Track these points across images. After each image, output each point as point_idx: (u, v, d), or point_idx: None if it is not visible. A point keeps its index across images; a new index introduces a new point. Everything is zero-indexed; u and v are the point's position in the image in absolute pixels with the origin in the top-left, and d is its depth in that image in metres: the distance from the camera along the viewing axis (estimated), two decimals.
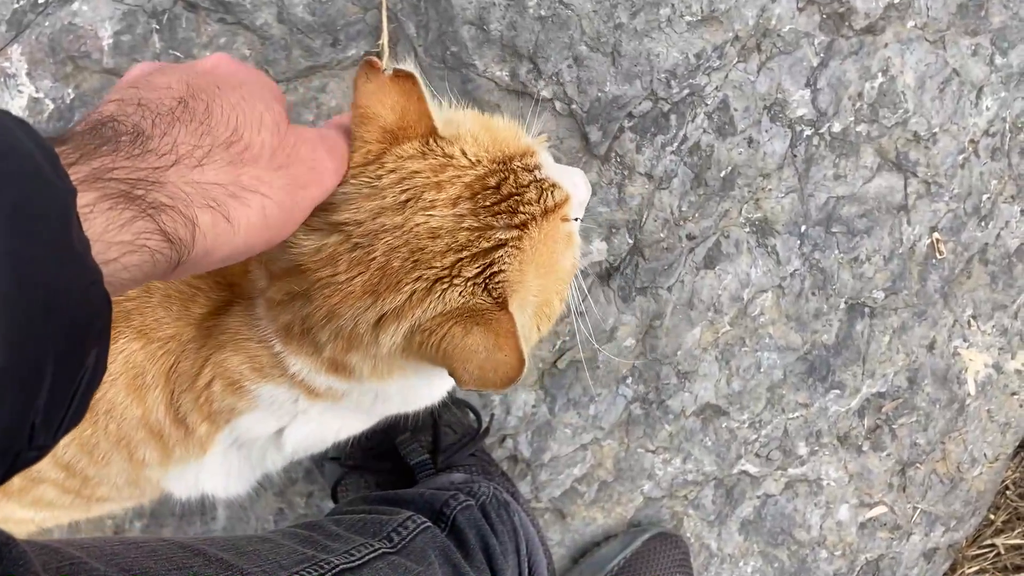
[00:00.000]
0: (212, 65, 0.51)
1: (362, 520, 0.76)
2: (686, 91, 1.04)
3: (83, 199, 0.35)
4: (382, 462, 0.89)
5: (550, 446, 1.06)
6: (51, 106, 1.04)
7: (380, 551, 0.71)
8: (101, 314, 0.34)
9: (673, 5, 1.01)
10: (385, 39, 1.03)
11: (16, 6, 1.04)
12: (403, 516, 0.76)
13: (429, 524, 0.77)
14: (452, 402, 0.93)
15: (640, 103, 1.02)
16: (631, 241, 1.04)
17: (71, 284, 0.32)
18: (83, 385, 0.34)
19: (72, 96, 1.04)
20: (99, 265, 0.35)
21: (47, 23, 1.04)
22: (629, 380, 1.08)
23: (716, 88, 1.05)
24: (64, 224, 0.32)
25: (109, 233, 0.36)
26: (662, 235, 1.05)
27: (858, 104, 1.09)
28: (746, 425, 1.12)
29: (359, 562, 0.69)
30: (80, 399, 0.34)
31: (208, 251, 0.42)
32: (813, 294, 1.12)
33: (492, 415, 1.01)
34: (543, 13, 1.00)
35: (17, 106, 1.04)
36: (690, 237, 1.06)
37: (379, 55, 1.04)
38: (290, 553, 0.66)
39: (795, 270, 1.11)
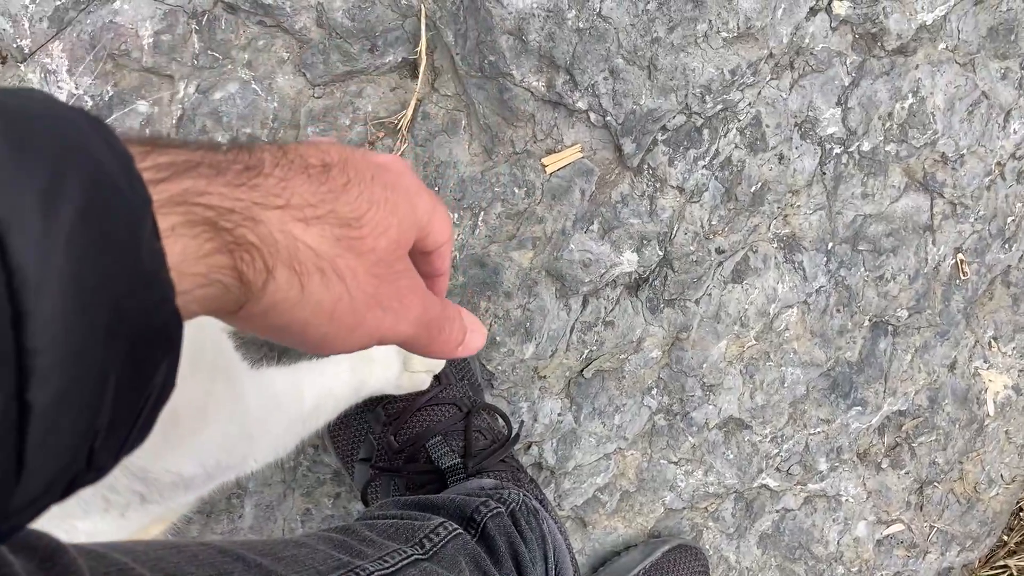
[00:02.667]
0: (386, 160, 0.47)
1: (394, 526, 0.76)
2: (719, 106, 1.05)
3: (165, 221, 0.33)
4: (412, 465, 0.89)
5: (574, 454, 1.06)
6: (90, 103, 1.05)
7: (413, 557, 0.72)
8: (171, 332, 0.32)
9: (710, 21, 1.02)
10: (423, 46, 1.04)
11: (58, 3, 1.05)
12: (435, 522, 0.77)
13: (460, 531, 0.77)
14: (483, 407, 0.93)
15: (674, 117, 1.03)
16: (661, 253, 1.05)
17: (140, 300, 0.30)
18: (149, 404, 0.32)
19: (111, 94, 1.05)
20: (176, 273, 0.33)
21: (88, 21, 1.05)
22: (654, 391, 1.08)
23: (749, 104, 1.06)
24: (134, 237, 0.30)
25: (185, 263, 0.34)
26: (692, 248, 1.06)
27: (888, 124, 1.10)
28: (768, 439, 1.13)
29: (392, 568, 0.69)
30: (146, 418, 0.32)
31: (267, 311, 0.38)
32: (838, 311, 1.12)
33: (522, 422, 1.02)
34: (581, 25, 1.01)
35: None
36: (719, 251, 1.07)
37: (416, 62, 1.05)
38: (326, 559, 0.67)
39: (821, 286, 1.11)
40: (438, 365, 0.91)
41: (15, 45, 1.04)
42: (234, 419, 0.75)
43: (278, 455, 0.85)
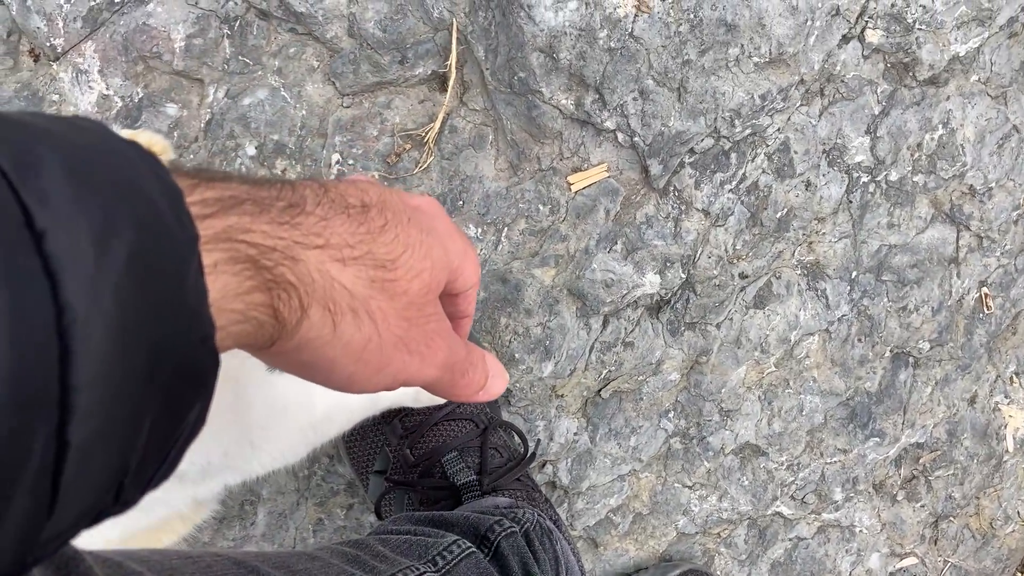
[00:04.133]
0: (421, 202, 0.47)
1: (408, 542, 0.76)
2: (748, 131, 1.04)
3: (208, 257, 0.33)
4: (427, 479, 0.89)
5: (589, 475, 1.06)
6: (119, 104, 1.05)
7: (425, 575, 0.71)
8: (208, 371, 0.32)
9: (742, 45, 1.02)
10: (453, 60, 1.04)
11: (93, 3, 1.05)
12: (449, 540, 0.76)
13: (474, 549, 0.77)
14: (500, 424, 0.93)
15: (702, 140, 1.03)
16: (684, 276, 1.04)
17: (180, 340, 0.30)
18: (180, 442, 0.32)
19: (141, 95, 1.05)
20: (215, 309, 0.33)
21: (122, 22, 1.05)
22: (671, 414, 1.08)
23: (778, 130, 1.05)
24: (180, 275, 0.30)
25: (225, 299, 0.34)
26: (715, 272, 1.05)
27: (916, 155, 1.10)
28: (784, 467, 1.12)
29: None
30: (175, 455, 0.33)
31: (298, 347, 0.38)
32: (859, 340, 1.12)
33: (538, 440, 1.01)
34: (613, 45, 1.01)
35: (87, 102, 1.05)
36: (742, 276, 1.06)
37: (445, 76, 1.05)
38: (339, 573, 0.67)
39: (843, 315, 1.11)
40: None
41: (48, 44, 1.04)
42: (234, 423, 0.75)
43: (287, 462, 0.85)
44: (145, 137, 0.97)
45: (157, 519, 0.81)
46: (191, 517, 0.86)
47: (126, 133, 1.01)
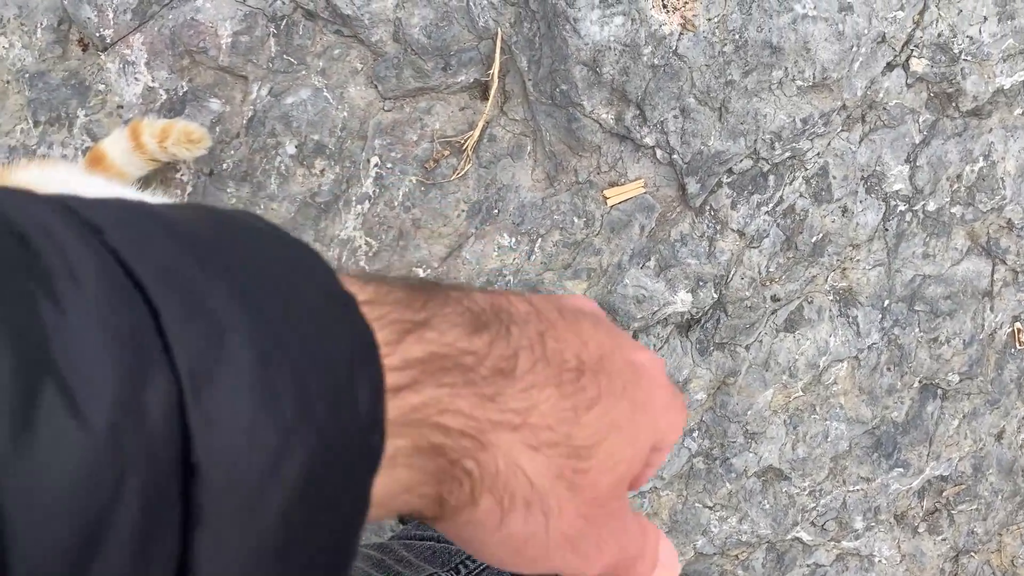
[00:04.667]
0: (643, 360, 0.39)
1: (431, 548, 0.76)
2: (788, 154, 1.04)
3: (390, 445, 0.28)
4: None
5: None
6: (164, 96, 1.06)
7: None
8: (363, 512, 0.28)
9: (787, 68, 1.02)
10: (496, 69, 1.04)
11: None
12: None
13: None
14: None
15: (741, 161, 1.03)
16: (716, 296, 1.04)
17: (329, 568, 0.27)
18: None
19: (185, 89, 1.06)
20: (373, 506, 0.28)
21: (170, 16, 1.06)
22: (695, 434, 1.07)
23: (818, 154, 1.05)
24: (347, 484, 0.27)
25: (389, 496, 0.29)
26: (747, 293, 1.05)
27: (956, 186, 1.09)
28: (806, 492, 1.11)
29: None
30: None
31: (454, 527, 0.34)
32: (888, 369, 1.11)
33: None
34: (656, 62, 1.01)
35: (132, 93, 1.06)
36: (774, 299, 1.06)
37: (487, 84, 1.06)
38: None
39: (873, 343, 1.10)
40: None
41: (97, 34, 1.06)
42: None
43: None
44: (182, 126, 0.98)
45: None
46: None
47: (163, 122, 1.02)
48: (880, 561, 1.16)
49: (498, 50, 1.04)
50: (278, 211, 1.04)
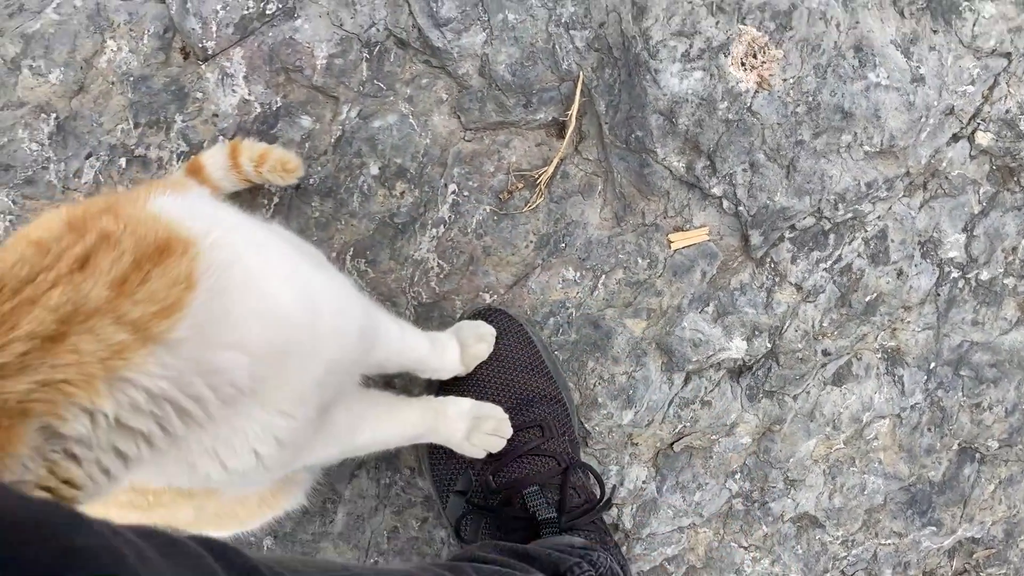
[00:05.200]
0: None
1: (498, 573, 0.80)
2: (849, 215, 1.07)
3: None
4: (507, 508, 0.93)
5: (651, 523, 1.09)
6: (258, 109, 1.12)
7: None
8: None
9: (856, 134, 1.05)
10: (575, 110, 1.09)
11: (245, 12, 1.12)
12: None
13: None
14: (580, 465, 0.97)
15: (804, 218, 1.07)
16: (769, 345, 1.08)
17: None
18: None
19: (279, 105, 1.12)
20: None
21: (271, 34, 1.12)
22: (737, 475, 1.11)
23: (878, 217, 1.09)
24: None
25: None
26: (799, 345, 1.08)
27: (1010, 258, 1.12)
28: (839, 541, 1.14)
29: None
30: None
31: None
32: (929, 430, 1.14)
33: (614, 486, 1.05)
34: (730, 117, 1.05)
35: (228, 104, 1.12)
36: (825, 353, 1.09)
37: (565, 124, 1.10)
38: None
39: (917, 403, 1.13)
40: (499, 444, 0.94)
41: (200, 45, 1.12)
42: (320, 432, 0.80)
43: (321, 464, 0.91)
44: (279, 154, 1.04)
45: (232, 499, 0.86)
46: (272, 502, 0.91)
47: (262, 146, 1.07)
48: None
49: (578, 92, 1.08)
50: (358, 228, 1.10)
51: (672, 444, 1.09)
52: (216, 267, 0.62)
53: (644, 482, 1.09)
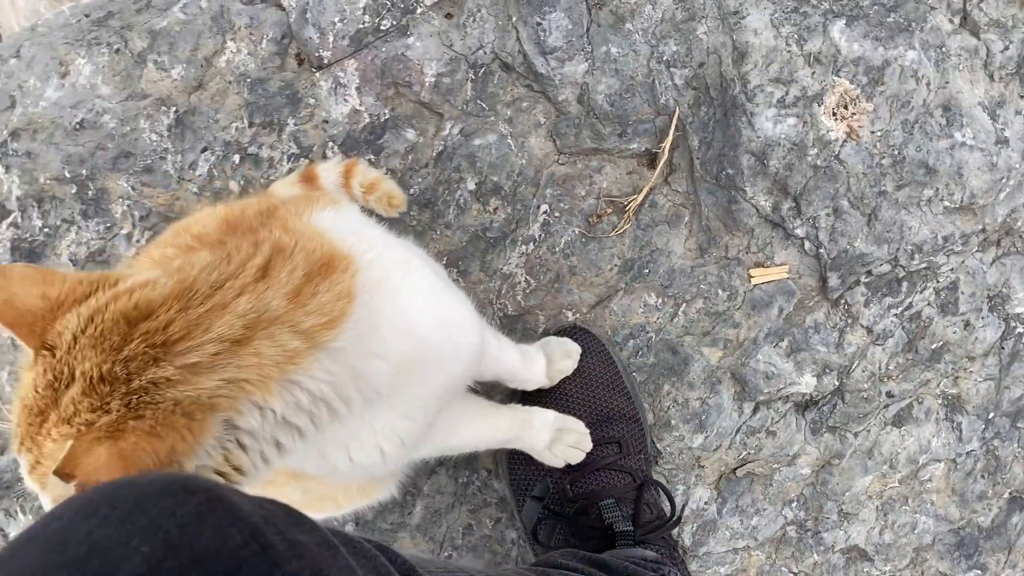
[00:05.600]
0: None
1: None
2: (924, 265, 1.12)
3: None
4: (583, 517, 0.99)
5: (708, 542, 1.15)
6: (367, 120, 1.18)
7: None
8: None
9: (937, 189, 1.10)
10: (668, 143, 1.14)
11: (361, 26, 1.19)
12: None
13: None
14: (653, 483, 1.02)
15: (881, 265, 1.11)
16: (837, 383, 1.13)
17: None
18: None
19: (387, 117, 1.18)
20: None
21: (384, 48, 1.18)
22: (794, 504, 1.16)
23: (951, 269, 1.13)
24: None
25: None
26: (865, 386, 1.13)
27: None
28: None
29: None
30: None
31: None
32: (982, 477, 1.18)
33: (683, 505, 1.11)
34: (819, 163, 1.10)
35: (339, 112, 1.18)
36: (889, 394, 1.14)
37: (657, 155, 1.16)
38: None
39: (972, 450, 1.18)
40: (579, 456, 1.00)
41: (316, 54, 1.18)
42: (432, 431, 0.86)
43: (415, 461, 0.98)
44: (389, 187, 1.10)
45: (336, 485, 0.93)
46: (369, 491, 0.97)
47: (374, 174, 1.13)
48: None
49: (673, 127, 1.14)
50: (451, 239, 1.15)
51: (735, 469, 1.14)
52: (370, 284, 0.68)
53: (706, 503, 1.14)
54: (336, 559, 0.47)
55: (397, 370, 0.70)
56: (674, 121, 1.14)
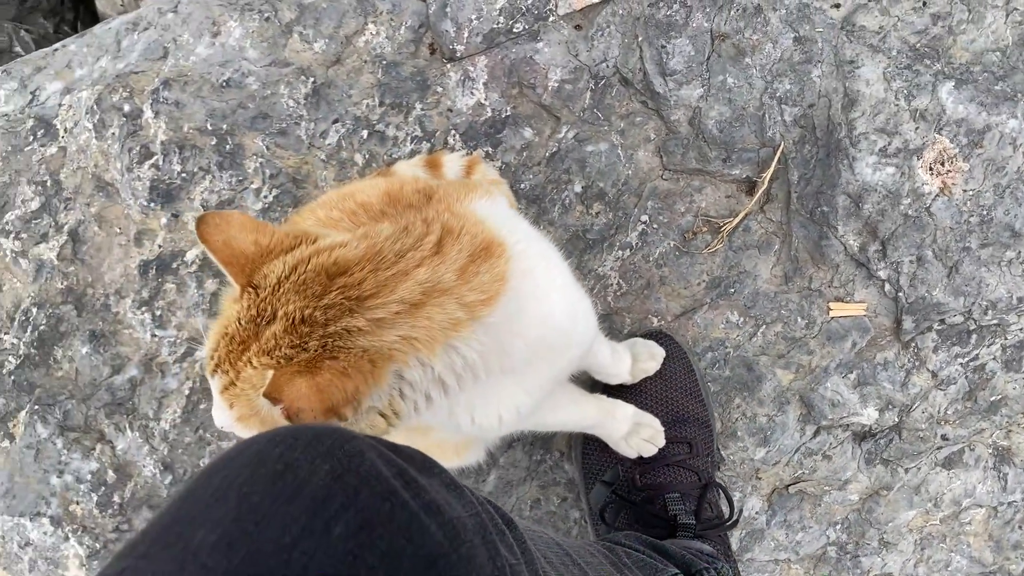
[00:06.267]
0: None
1: (642, 561, 0.95)
2: (995, 321, 1.19)
3: None
4: (649, 506, 1.07)
5: (753, 549, 1.23)
6: (489, 114, 1.27)
7: None
8: None
9: (1020, 252, 1.17)
10: (769, 174, 1.22)
11: (495, 26, 1.27)
12: (671, 572, 0.95)
13: None
14: (717, 484, 1.10)
15: (955, 316, 1.18)
16: (896, 420, 1.20)
17: None
18: None
19: (508, 114, 1.26)
20: None
21: (514, 49, 1.27)
22: (838, 526, 1.23)
23: (1020, 329, 1.20)
24: None
25: None
26: (922, 426, 1.20)
27: None
28: None
29: None
30: None
31: None
32: (1020, 527, 1.25)
33: (741, 509, 1.19)
34: (910, 212, 1.17)
35: (464, 103, 1.27)
36: (943, 437, 1.21)
37: (756, 184, 1.23)
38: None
39: (1014, 501, 1.24)
40: (652, 450, 1.09)
41: (450, 47, 1.27)
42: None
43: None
44: (503, 191, 1.19)
45: (439, 440, 1.02)
46: (463, 452, 1.07)
47: (493, 174, 1.22)
48: None
49: (776, 159, 1.21)
50: (553, 235, 1.24)
51: (789, 485, 1.22)
52: (519, 272, 0.77)
53: (757, 513, 1.22)
54: (435, 488, 0.58)
55: (531, 350, 0.79)
56: (778, 154, 1.21)
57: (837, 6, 1.22)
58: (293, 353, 0.65)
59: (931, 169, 1.17)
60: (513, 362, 0.78)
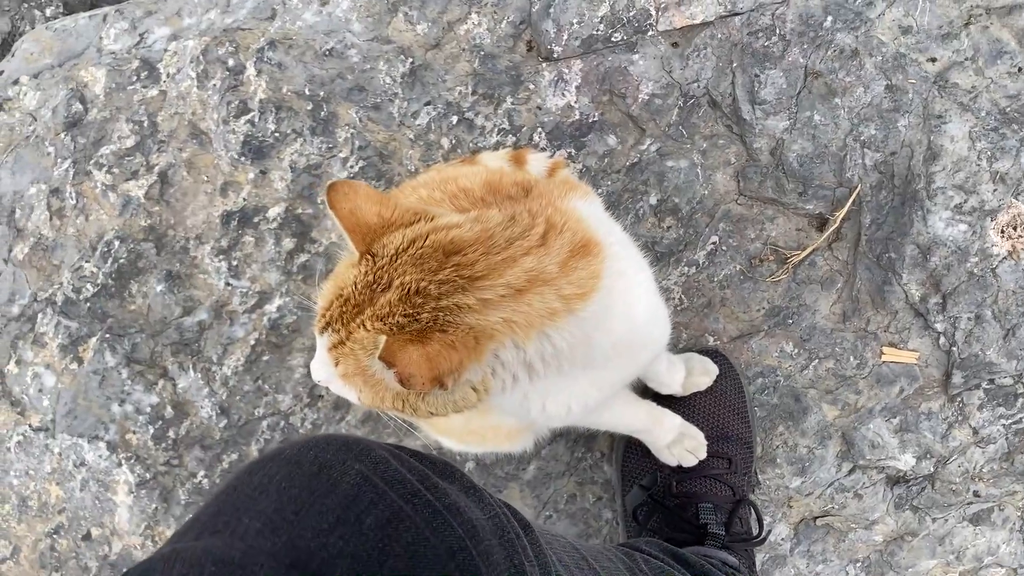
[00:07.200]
0: None
1: (661, 568, 0.98)
2: None
3: None
4: (682, 512, 1.11)
5: (773, 574, 1.26)
6: (577, 117, 1.30)
7: None
8: None
9: None
10: (842, 214, 1.24)
11: (594, 32, 1.30)
12: None
13: None
14: (750, 502, 1.14)
15: (1005, 377, 1.20)
16: (932, 470, 1.23)
17: None
18: None
19: (595, 119, 1.30)
20: None
21: (610, 58, 1.30)
22: (859, 564, 1.26)
23: None
24: None
25: None
26: (956, 480, 1.23)
27: None
28: None
29: None
30: None
31: None
32: None
33: (770, 530, 1.22)
34: (975, 271, 1.20)
35: (554, 103, 1.30)
36: (975, 494, 1.24)
37: (827, 221, 1.26)
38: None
39: None
40: (692, 461, 1.12)
41: (548, 46, 1.30)
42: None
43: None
44: (585, 194, 1.22)
45: (494, 424, 1.06)
46: (515, 438, 1.11)
47: (573, 179, 1.25)
48: None
49: (850, 201, 1.24)
50: None
51: (817, 518, 1.25)
52: (612, 272, 0.80)
53: (783, 539, 1.25)
54: (455, 492, 0.63)
55: (613, 348, 0.83)
56: (853, 195, 1.24)
57: (933, 60, 1.24)
58: (405, 322, 0.69)
59: (1003, 232, 1.19)
60: (595, 357, 0.81)
